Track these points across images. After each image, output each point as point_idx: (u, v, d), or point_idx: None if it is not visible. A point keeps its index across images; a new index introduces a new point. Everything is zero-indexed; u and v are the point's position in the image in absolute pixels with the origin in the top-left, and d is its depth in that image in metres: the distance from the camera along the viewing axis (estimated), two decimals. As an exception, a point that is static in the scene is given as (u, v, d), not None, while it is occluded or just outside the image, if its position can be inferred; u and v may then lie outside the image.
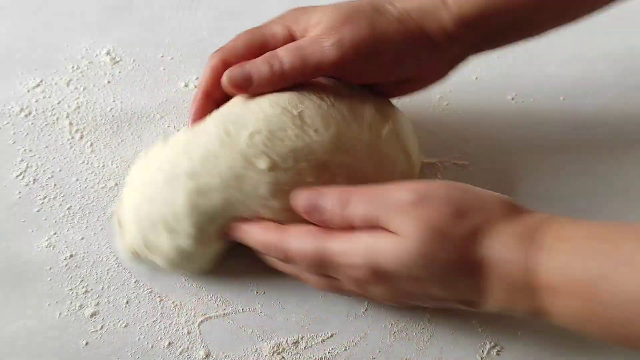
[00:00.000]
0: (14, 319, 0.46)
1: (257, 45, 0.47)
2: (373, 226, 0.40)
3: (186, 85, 0.58)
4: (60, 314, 0.46)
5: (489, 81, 0.61)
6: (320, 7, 0.47)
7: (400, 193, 0.40)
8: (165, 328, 0.46)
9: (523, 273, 0.37)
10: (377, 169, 0.46)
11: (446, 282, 0.39)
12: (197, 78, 0.59)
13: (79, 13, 0.63)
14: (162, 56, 0.60)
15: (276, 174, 0.43)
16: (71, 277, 0.48)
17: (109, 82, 0.58)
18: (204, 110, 0.48)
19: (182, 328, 0.46)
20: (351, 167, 0.45)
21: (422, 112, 0.58)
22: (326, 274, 0.42)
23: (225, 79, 0.46)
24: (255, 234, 0.44)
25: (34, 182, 0.52)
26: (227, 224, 0.45)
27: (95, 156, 0.54)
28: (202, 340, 0.46)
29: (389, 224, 0.39)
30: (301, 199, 0.42)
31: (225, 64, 0.47)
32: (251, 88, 0.46)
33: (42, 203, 0.51)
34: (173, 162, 0.45)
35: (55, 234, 0.50)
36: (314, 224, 0.42)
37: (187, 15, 0.64)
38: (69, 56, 0.59)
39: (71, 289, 0.47)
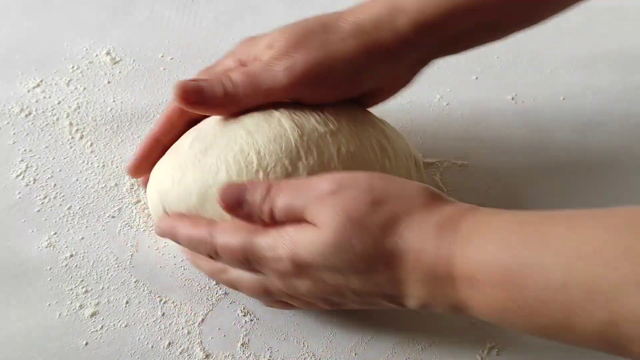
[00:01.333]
0: (14, 319, 0.46)
1: None
2: (297, 219, 0.39)
3: (186, 85, 0.58)
4: (60, 314, 0.46)
5: (489, 81, 0.61)
6: (269, 33, 0.46)
7: (320, 183, 0.39)
8: (165, 328, 0.46)
9: (439, 263, 0.35)
10: None
11: (365, 274, 0.37)
12: (197, 78, 0.59)
13: (79, 13, 0.63)
14: (162, 56, 0.60)
15: None
16: (71, 277, 0.48)
17: (109, 82, 0.58)
18: (148, 157, 0.47)
19: (182, 328, 0.46)
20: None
21: (422, 112, 0.58)
22: (253, 269, 0.41)
23: (176, 90, 0.44)
24: (184, 228, 0.43)
25: (34, 182, 0.52)
26: None
27: (95, 156, 0.54)
28: (202, 341, 0.46)
29: (309, 215, 0.38)
30: (224, 193, 0.41)
31: (182, 112, 0.47)
32: (202, 105, 0.44)
33: (42, 203, 0.51)
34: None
35: (55, 234, 0.50)
36: None
37: (187, 15, 0.64)
38: (69, 56, 0.59)
39: (71, 289, 0.47)
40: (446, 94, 0.59)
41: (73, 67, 0.59)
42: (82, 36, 0.61)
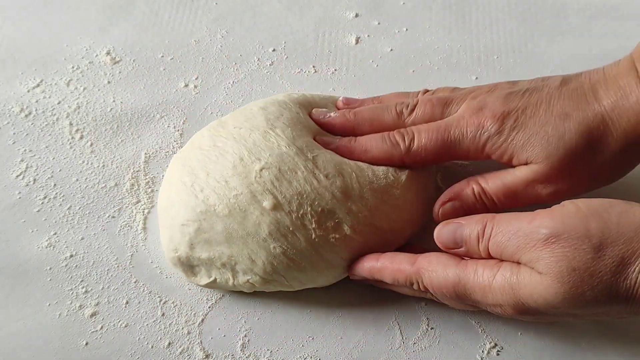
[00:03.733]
0: (14, 319, 0.46)
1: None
2: (512, 260, 0.40)
3: (186, 85, 0.58)
4: (60, 314, 0.46)
5: (489, 81, 0.60)
6: (511, 122, 0.46)
7: (534, 228, 0.39)
8: (165, 328, 0.46)
9: None
10: (390, 213, 0.46)
11: (596, 313, 0.39)
12: (196, 78, 0.59)
13: (79, 13, 0.63)
14: (162, 56, 0.60)
15: (278, 215, 0.43)
16: (71, 277, 0.48)
17: (109, 82, 0.58)
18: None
19: (182, 328, 0.46)
20: (360, 214, 0.45)
21: (422, 112, 0.58)
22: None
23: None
24: (388, 270, 0.44)
25: (34, 182, 0.52)
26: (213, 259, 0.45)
27: (95, 156, 0.54)
28: (202, 341, 0.46)
29: (527, 261, 0.39)
30: (441, 233, 0.43)
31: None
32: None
33: (42, 203, 0.51)
34: (192, 173, 0.46)
35: (55, 234, 0.50)
36: None
37: (187, 15, 0.64)
38: (69, 56, 0.60)
39: (71, 289, 0.47)
40: (446, 94, 0.59)
41: (73, 67, 0.59)
42: (82, 36, 0.61)
